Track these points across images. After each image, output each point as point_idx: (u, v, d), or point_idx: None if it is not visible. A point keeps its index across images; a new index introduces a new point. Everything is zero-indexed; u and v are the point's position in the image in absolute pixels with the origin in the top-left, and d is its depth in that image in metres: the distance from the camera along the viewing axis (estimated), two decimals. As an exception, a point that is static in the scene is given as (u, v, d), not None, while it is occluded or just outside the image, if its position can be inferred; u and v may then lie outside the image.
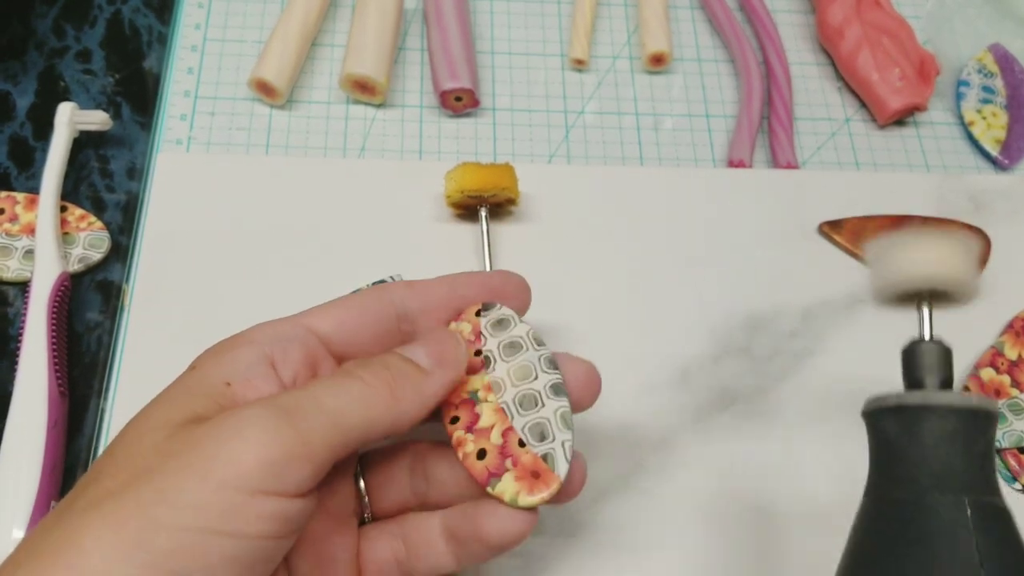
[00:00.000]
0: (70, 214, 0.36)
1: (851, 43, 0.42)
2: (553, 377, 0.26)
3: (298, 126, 0.40)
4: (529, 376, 0.26)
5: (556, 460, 0.25)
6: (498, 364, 0.27)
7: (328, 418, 0.22)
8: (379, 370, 0.24)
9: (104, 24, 0.42)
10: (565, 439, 0.25)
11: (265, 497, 0.20)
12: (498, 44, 0.43)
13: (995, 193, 0.40)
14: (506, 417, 0.26)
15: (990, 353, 0.36)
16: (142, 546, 0.19)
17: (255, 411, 0.21)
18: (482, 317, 0.28)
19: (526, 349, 0.27)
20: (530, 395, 0.26)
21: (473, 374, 0.27)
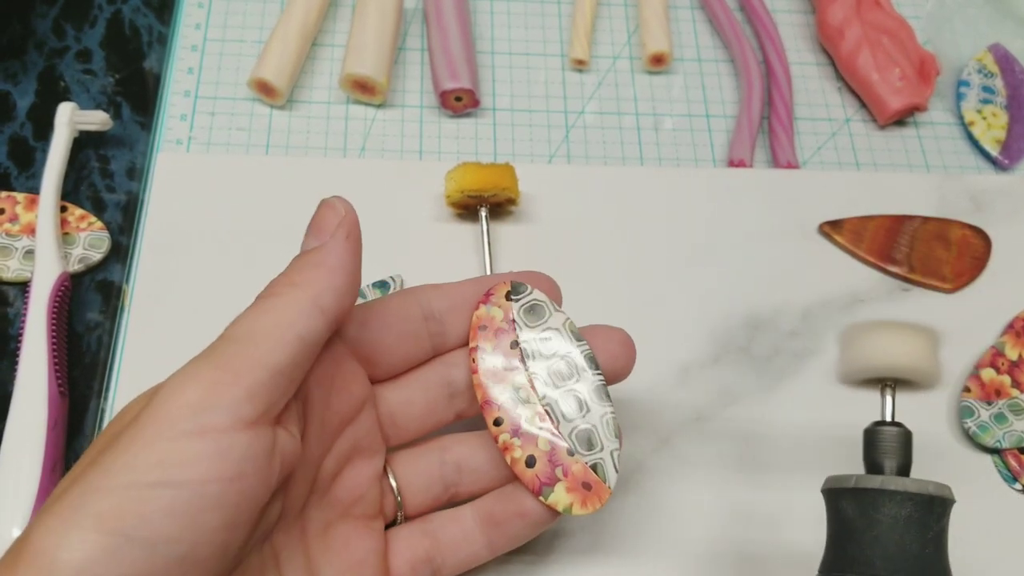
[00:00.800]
0: (70, 214, 0.36)
1: (851, 43, 0.42)
2: (596, 378, 0.26)
3: (298, 126, 0.40)
4: (571, 377, 0.26)
5: (606, 470, 0.25)
6: (536, 360, 0.26)
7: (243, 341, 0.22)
8: (284, 277, 0.24)
9: (104, 24, 0.42)
10: (613, 448, 0.25)
11: (197, 437, 0.20)
12: (498, 44, 0.43)
13: (995, 193, 0.40)
14: (552, 422, 0.26)
15: (990, 353, 0.36)
16: (77, 512, 0.19)
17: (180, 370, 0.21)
18: (513, 301, 0.27)
19: (565, 343, 0.26)
20: (574, 398, 0.26)
21: (511, 370, 0.26)
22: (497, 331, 0.26)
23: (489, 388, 0.26)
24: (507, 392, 0.26)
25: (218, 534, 0.20)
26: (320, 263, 0.24)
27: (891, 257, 0.38)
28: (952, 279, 0.38)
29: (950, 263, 0.38)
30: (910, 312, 0.37)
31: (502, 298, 0.27)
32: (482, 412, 0.26)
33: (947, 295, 0.38)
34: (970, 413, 0.34)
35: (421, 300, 0.26)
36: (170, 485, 0.19)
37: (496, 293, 0.27)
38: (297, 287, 0.23)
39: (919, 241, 0.38)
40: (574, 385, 0.26)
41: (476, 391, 0.26)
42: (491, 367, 0.26)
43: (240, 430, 0.20)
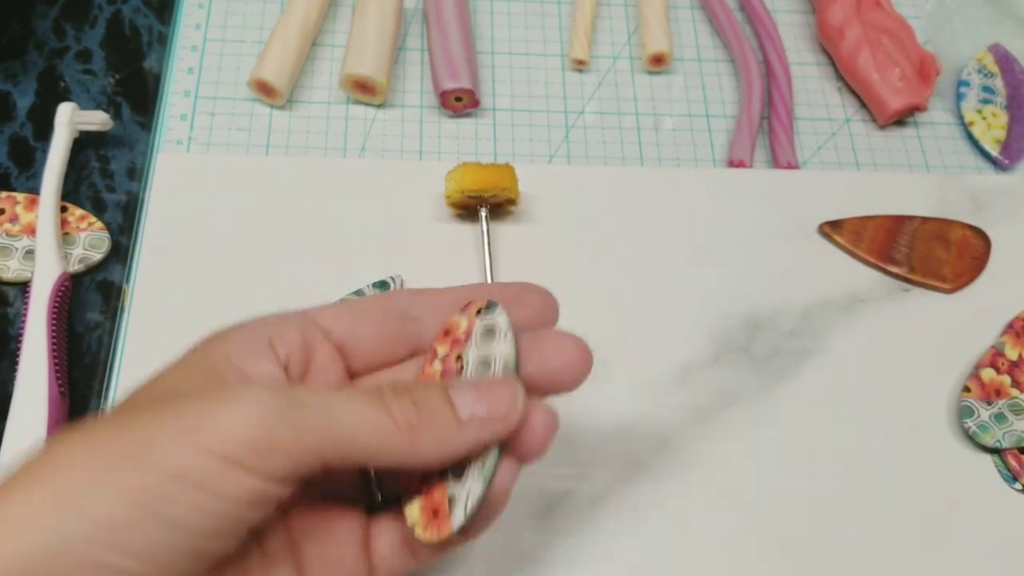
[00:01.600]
0: (70, 214, 0.36)
1: (851, 43, 0.42)
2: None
3: (298, 126, 0.40)
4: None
5: (456, 510, 0.23)
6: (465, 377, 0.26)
7: (331, 428, 0.22)
8: (407, 407, 0.22)
9: (104, 24, 0.42)
10: (474, 490, 0.24)
11: (242, 472, 0.20)
12: (498, 44, 0.43)
13: (995, 193, 0.40)
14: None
15: (990, 353, 0.36)
16: (111, 473, 0.20)
17: (259, 391, 0.21)
18: (479, 319, 0.27)
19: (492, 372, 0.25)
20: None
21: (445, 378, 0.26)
22: (454, 341, 0.26)
23: None
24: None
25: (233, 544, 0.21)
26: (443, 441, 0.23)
27: (891, 257, 0.38)
28: (952, 279, 0.38)
29: (950, 263, 0.38)
30: (910, 312, 0.37)
31: (473, 311, 0.27)
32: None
33: (947, 295, 0.38)
34: (970, 413, 0.34)
35: (399, 303, 0.27)
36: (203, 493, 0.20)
37: (473, 305, 0.27)
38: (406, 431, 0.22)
39: (919, 241, 0.38)
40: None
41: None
42: (431, 371, 0.26)
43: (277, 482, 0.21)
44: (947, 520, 0.33)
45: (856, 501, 0.33)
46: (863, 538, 0.32)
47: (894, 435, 0.34)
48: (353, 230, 0.37)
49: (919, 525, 0.33)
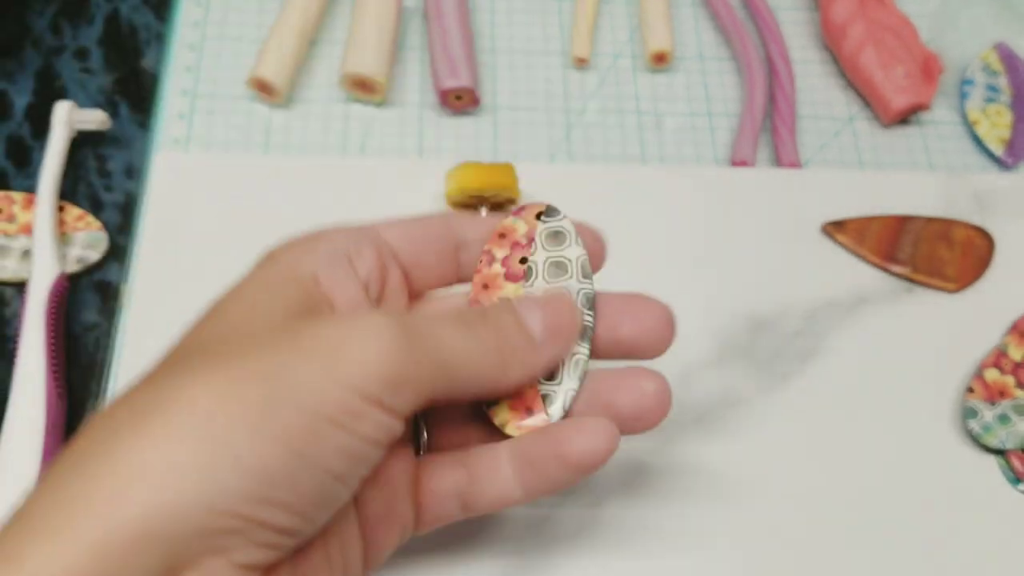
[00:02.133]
0: (68, 214, 0.36)
1: (855, 41, 0.42)
2: (585, 319, 0.25)
3: (297, 125, 0.40)
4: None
5: (553, 403, 0.24)
6: (537, 280, 0.26)
7: (443, 360, 0.21)
8: (493, 332, 0.23)
9: (102, 22, 0.42)
10: (570, 388, 0.25)
11: (378, 407, 0.20)
12: (499, 42, 0.43)
13: (1000, 192, 0.40)
14: None
15: (995, 354, 0.36)
16: (266, 417, 0.18)
17: (382, 320, 0.20)
18: (541, 222, 0.27)
19: (570, 276, 0.26)
20: None
21: (512, 281, 0.26)
22: (514, 244, 0.26)
23: (481, 291, 0.26)
24: (495, 299, 0.26)
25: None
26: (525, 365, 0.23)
27: (894, 257, 0.38)
28: (956, 279, 0.37)
29: (954, 263, 0.38)
30: (914, 312, 0.37)
31: (532, 215, 0.27)
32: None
33: (951, 295, 0.37)
34: (974, 414, 0.34)
35: (456, 226, 0.26)
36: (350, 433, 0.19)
37: (528, 209, 0.27)
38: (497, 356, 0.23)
39: (922, 241, 0.38)
40: None
41: (471, 289, 0.26)
42: (492, 272, 0.26)
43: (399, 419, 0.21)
44: (950, 521, 0.33)
45: (859, 502, 0.33)
46: (866, 539, 0.32)
47: (897, 436, 0.34)
48: (353, 230, 0.36)
49: (922, 526, 0.32)
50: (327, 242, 0.24)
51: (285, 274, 0.23)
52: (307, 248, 0.24)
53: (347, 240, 0.24)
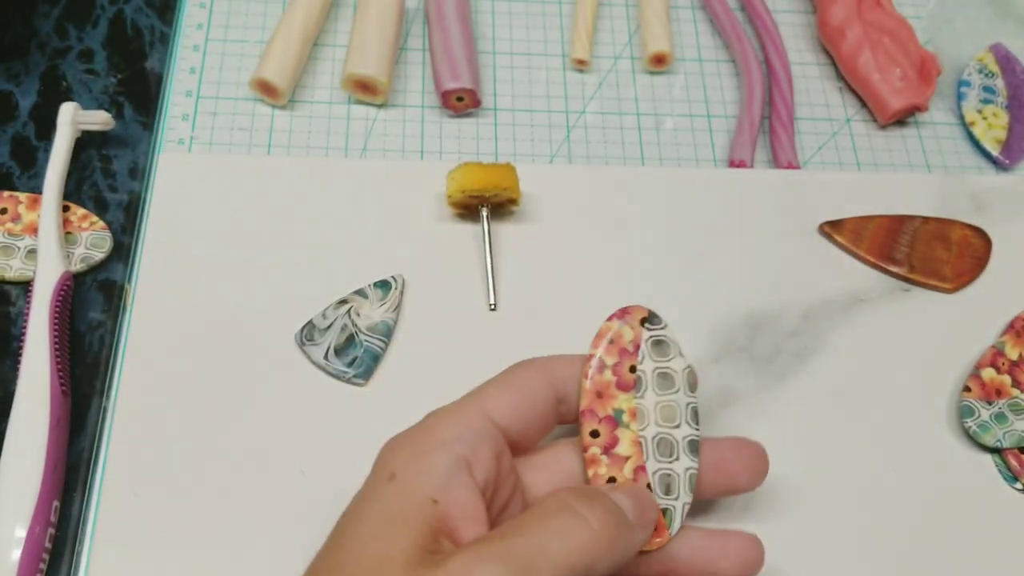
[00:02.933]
0: (72, 214, 0.36)
1: (852, 43, 0.42)
2: (693, 432, 0.27)
3: (300, 126, 0.40)
4: (673, 420, 0.27)
5: (674, 518, 0.26)
6: (648, 392, 0.27)
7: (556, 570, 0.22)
8: (605, 515, 0.23)
9: (106, 24, 0.42)
10: (686, 502, 0.26)
11: None
12: (499, 44, 0.44)
13: (996, 193, 0.40)
14: (642, 454, 0.26)
15: (991, 353, 0.36)
16: None
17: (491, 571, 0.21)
18: (646, 329, 0.27)
19: (677, 389, 0.27)
20: (669, 442, 0.27)
21: (623, 391, 0.27)
22: (621, 350, 0.27)
23: (595, 400, 0.27)
24: (610, 410, 0.27)
25: None
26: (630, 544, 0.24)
27: (891, 257, 0.38)
28: (952, 279, 0.38)
29: (950, 263, 0.38)
30: (910, 312, 0.37)
31: (636, 321, 0.27)
32: (580, 419, 0.27)
33: (947, 295, 0.38)
34: (970, 413, 0.34)
35: (556, 382, 0.27)
36: None
37: (632, 314, 0.28)
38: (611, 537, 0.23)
39: (919, 241, 0.38)
40: (672, 430, 0.27)
41: (581, 397, 0.27)
42: (604, 380, 0.27)
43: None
44: (947, 520, 0.33)
45: (855, 500, 0.33)
46: (863, 537, 0.32)
47: (894, 435, 0.34)
48: (354, 230, 0.37)
49: (919, 524, 0.33)
50: (446, 452, 0.24)
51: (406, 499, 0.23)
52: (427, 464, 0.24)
53: (463, 444, 0.24)
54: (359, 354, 0.33)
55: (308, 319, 0.34)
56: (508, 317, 0.35)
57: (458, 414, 0.25)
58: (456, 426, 0.25)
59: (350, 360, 0.33)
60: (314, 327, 0.34)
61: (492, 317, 0.35)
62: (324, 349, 0.33)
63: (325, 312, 0.34)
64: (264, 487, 0.31)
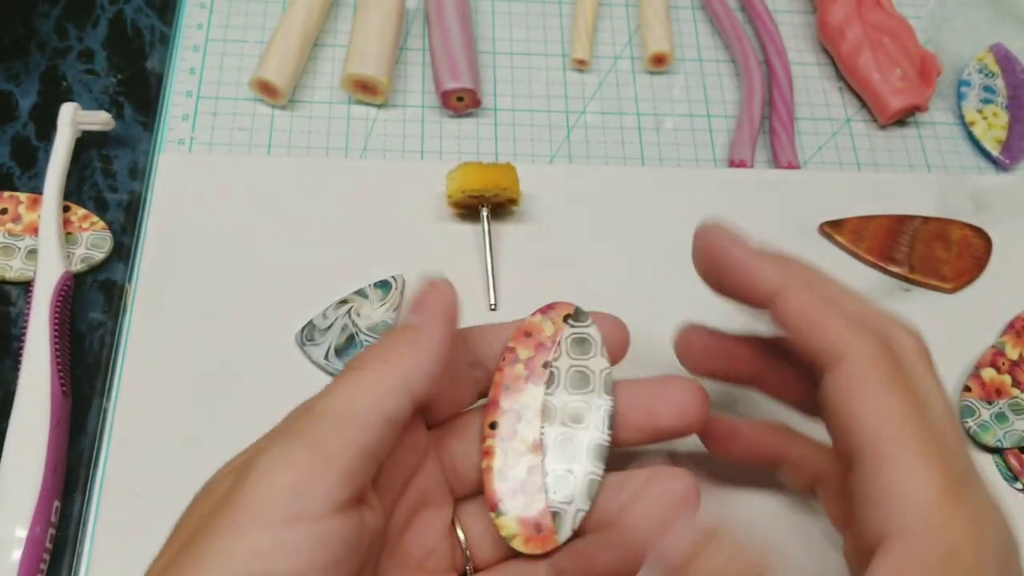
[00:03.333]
0: (73, 214, 0.36)
1: (852, 43, 0.42)
2: (603, 437, 0.25)
3: (300, 126, 0.40)
4: (581, 421, 0.25)
5: (563, 524, 0.24)
6: (559, 389, 0.26)
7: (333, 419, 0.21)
8: (372, 350, 0.23)
9: (106, 24, 0.42)
10: (581, 508, 0.25)
11: (294, 525, 0.19)
12: (499, 44, 0.44)
13: (996, 193, 0.40)
14: (540, 452, 0.25)
15: (991, 353, 0.36)
16: None
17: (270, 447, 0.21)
18: (568, 326, 0.27)
19: (591, 389, 0.26)
20: (573, 444, 0.25)
21: (530, 386, 0.26)
22: (538, 344, 0.26)
23: (502, 392, 0.26)
24: (515, 404, 0.26)
25: None
26: (415, 342, 0.23)
27: (892, 257, 0.38)
28: (953, 279, 0.38)
29: (951, 263, 0.38)
30: (911, 312, 0.37)
31: (560, 317, 0.27)
32: (485, 410, 0.26)
33: (948, 295, 0.38)
34: (971, 412, 0.34)
35: (469, 345, 0.26)
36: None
37: (557, 309, 0.27)
38: (389, 364, 0.22)
39: (919, 241, 0.38)
40: (579, 432, 0.25)
41: (492, 387, 0.26)
42: (515, 373, 0.26)
43: (335, 516, 0.20)
44: (948, 519, 0.33)
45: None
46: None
47: (895, 435, 0.34)
48: (354, 230, 0.37)
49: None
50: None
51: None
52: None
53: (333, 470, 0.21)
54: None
55: (308, 319, 0.34)
56: (508, 317, 0.35)
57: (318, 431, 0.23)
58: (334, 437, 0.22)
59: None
60: (314, 327, 0.34)
61: (492, 317, 0.35)
62: (324, 349, 0.33)
63: (325, 312, 0.34)
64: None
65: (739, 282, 0.25)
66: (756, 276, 0.25)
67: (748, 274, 0.25)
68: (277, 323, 0.34)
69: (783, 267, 0.25)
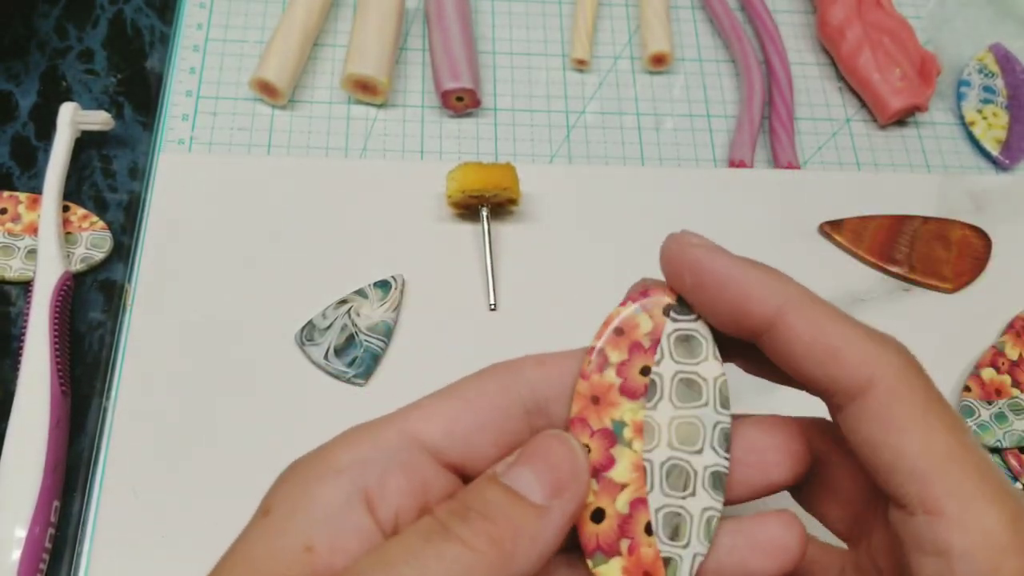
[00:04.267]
0: (72, 214, 0.36)
1: (852, 43, 0.42)
2: (720, 462, 0.21)
3: (300, 126, 0.40)
4: (694, 443, 0.20)
5: (679, 572, 0.20)
6: (663, 402, 0.20)
7: None
8: (481, 523, 0.18)
9: (106, 24, 0.42)
10: (699, 552, 0.20)
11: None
12: (499, 44, 0.44)
13: (996, 193, 0.40)
14: (644, 483, 0.20)
15: (991, 353, 0.36)
16: None
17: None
18: (671, 320, 0.21)
19: (705, 402, 0.21)
20: (684, 470, 0.20)
21: (630, 398, 0.20)
22: (633, 344, 0.21)
23: (589, 406, 0.20)
24: (608, 421, 0.20)
25: None
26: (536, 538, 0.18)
27: (891, 257, 0.38)
28: (952, 279, 0.38)
29: (950, 263, 0.38)
30: (910, 312, 0.37)
31: (659, 308, 0.21)
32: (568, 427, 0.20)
33: (947, 295, 0.38)
34: (971, 412, 0.34)
35: (523, 388, 0.20)
36: None
37: (655, 296, 0.21)
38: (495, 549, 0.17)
39: (919, 241, 0.38)
40: (691, 456, 0.20)
41: (573, 401, 0.20)
42: (604, 382, 0.20)
43: None
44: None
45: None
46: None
47: (894, 435, 0.34)
48: (354, 230, 0.37)
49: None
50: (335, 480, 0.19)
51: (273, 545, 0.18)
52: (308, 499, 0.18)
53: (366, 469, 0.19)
54: (359, 354, 0.34)
55: (308, 319, 0.34)
56: (508, 317, 0.35)
57: (365, 432, 0.20)
58: (361, 448, 0.19)
59: (350, 360, 0.33)
60: (314, 327, 0.34)
61: (492, 317, 0.35)
62: (324, 349, 0.33)
63: (325, 312, 0.34)
64: (264, 487, 0.31)
65: (729, 304, 0.20)
66: (752, 295, 0.20)
67: (742, 294, 0.20)
68: (277, 323, 0.34)
69: (781, 281, 0.20)
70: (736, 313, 0.20)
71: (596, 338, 0.21)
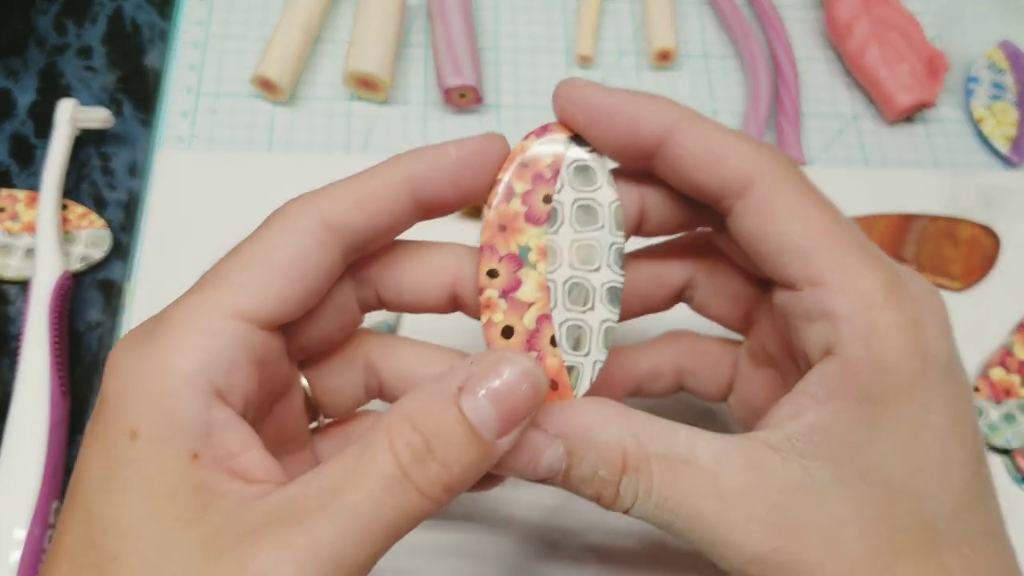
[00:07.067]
0: (71, 212, 0.36)
1: (859, 39, 0.42)
2: (616, 278, 0.23)
3: (301, 123, 0.40)
4: (592, 262, 0.23)
5: (581, 378, 0.22)
6: (564, 227, 0.23)
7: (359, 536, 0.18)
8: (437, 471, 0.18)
9: (105, 21, 0.42)
10: (599, 359, 0.22)
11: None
12: (502, 40, 0.43)
13: (1005, 190, 0.40)
14: (548, 300, 0.22)
15: (1000, 352, 0.35)
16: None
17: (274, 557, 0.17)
18: (571, 150, 0.23)
19: (601, 226, 0.23)
20: (583, 287, 0.22)
21: (534, 224, 0.22)
22: (536, 176, 0.23)
23: (497, 233, 0.23)
24: (515, 247, 0.23)
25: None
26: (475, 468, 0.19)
27: (899, 256, 0.37)
28: (961, 278, 0.37)
29: (959, 262, 0.38)
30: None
31: (558, 143, 0.23)
32: (479, 256, 0.23)
33: (956, 294, 0.37)
34: (979, 413, 0.34)
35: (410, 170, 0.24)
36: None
37: (554, 130, 0.23)
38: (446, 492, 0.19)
39: (928, 240, 0.38)
40: (590, 274, 0.22)
41: (482, 231, 0.23)
42: (511, 211, 0.23)
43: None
44: (956, 522, 0.32)
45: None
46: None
47: (902, 436, 0.34)
48: (356, 228, 0.36)
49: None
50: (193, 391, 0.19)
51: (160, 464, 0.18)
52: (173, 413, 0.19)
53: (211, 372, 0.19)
54: (361, 354, 0.33)
55: (309, 318, 0.34)
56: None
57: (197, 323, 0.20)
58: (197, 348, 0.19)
59: (351, 360, 0.33)
60: (315, 327, 0.34)
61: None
62: (325, 349, 0.33)
63: (326, 311, 0.34)
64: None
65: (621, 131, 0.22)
66: (643, 119, 0.22)
67: (632, 119, 0.22)
68: (278, 322, 0.34)
69: (667, 104, 0.22)
70: (628, 138, 0.22)
71: (502, 172, 0.23)
